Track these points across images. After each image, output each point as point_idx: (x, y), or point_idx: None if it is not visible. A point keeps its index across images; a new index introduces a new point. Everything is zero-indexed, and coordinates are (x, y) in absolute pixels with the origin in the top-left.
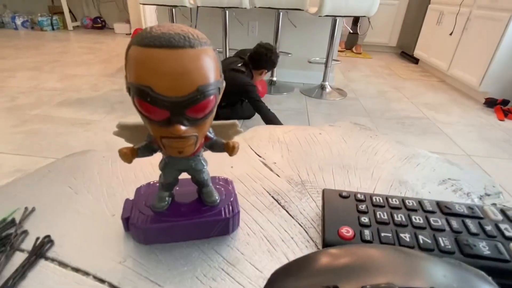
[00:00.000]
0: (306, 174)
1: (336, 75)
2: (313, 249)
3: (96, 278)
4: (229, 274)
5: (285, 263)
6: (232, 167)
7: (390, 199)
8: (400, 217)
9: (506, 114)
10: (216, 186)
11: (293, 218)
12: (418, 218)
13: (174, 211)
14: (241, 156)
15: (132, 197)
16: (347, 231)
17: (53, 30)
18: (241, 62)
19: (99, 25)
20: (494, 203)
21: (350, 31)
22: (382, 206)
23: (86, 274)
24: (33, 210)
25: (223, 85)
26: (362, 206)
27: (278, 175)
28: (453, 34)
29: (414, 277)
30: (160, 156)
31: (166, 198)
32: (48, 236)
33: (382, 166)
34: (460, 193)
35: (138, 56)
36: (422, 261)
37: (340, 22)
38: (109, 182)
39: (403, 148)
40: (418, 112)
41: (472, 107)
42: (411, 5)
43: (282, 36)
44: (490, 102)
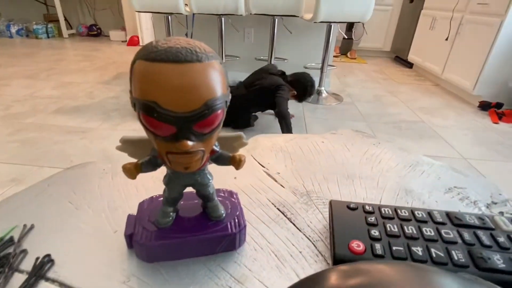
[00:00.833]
0: (311, 184)
1: (332, 80)
2: (322, 264)
3: None
4: None
5: (296, 282)
6: (235, 178)
7: (399, 211)
8: (410, 229)
9: (500, 117)
10: (220, 199)
11: (300, 231)
12: (429, 230)
13: (179, 227)
14: (244, 166)
15: (134, 212)
16: (358, 245)
17: (48, 38)
18: (278, 73)
19: (95, 32)
20: (501, 212)
21: (345, 37)
22: (392, 218)
23: None
24: (32, 227)
25: (229, 98)
26: (372, 219)
27: (282, 186)
28: (447, 38)
29: None
30: (163, 169)
31: (171, 213)
32: (48, 255)
33: (387, 175)
34: (467, 201)
35: (144, 71)
36: (437, 277)
37: (335, 28)
38: (110, 197)
39: (407, 155)
40: (414, 116)
41: (466, 111)
42: (404, 10)
43: (278, 42)
44: (484, 105)
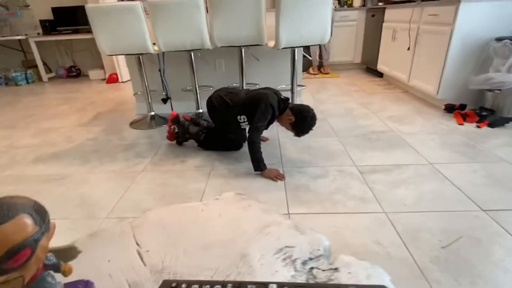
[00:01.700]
0: (170, 259)
1: (305, 98)
2: None
3: None
4: None
5: None
6: (109, 261)
7: (205, 285)
8: None
9: (465, 118)
10: None
11: None
12: None
13: None
14: (122, 246)
15: None
16: None
17: (28, 83)
18: (283, 98)
19: (74, 73)
20: (312, 267)
21: (317, 59)
22: None
23: None
24: None
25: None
26: None
27: (144, 264)
28: (409, 48)
29: None
30: None
31: None
32: None
33: (238, 240)
34: (288, 261)
35: None
36: None
37: (299, 51)
38: None
39: (266, 216)
40: (384, 126)
41: (433, 115)
42: (368, 24)
43: (248, 68)
44: (449, 108)
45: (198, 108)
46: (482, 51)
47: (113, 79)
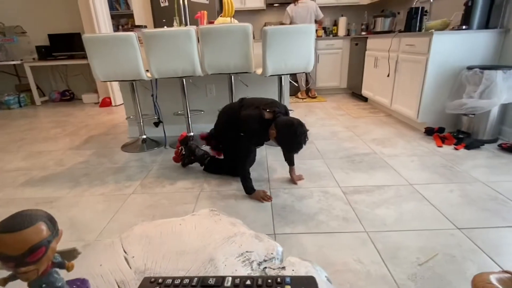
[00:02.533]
0: (151, 263)
1: None
2: None
3: None
4: None
5: None
6: (101, 265)
7: (184, 280)
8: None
9: (443, 140)
10: (75, 286)
11: None
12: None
13: None
14: (114, 252)
15: None
16: None
17: (20, 107)
18: (272, 110)
19: (68, 97)
20: (265, 267)
21: (303, 85)
22: (176, 286)
23: None
24: None
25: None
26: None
27: (130, 267)
28: (388, 75)
29: None
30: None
31: None
32: None
33: (208, 247)
34: (246, 262)
35: None
36: None
37: (285, 78)
38: None
39: (232, 228)
40: (367, 148)
41: (414, 137)
42: (352, 51)
43: (237, 94)
44: (429, 131)
45: (189, 131)
46: (456, 79)
47: (106, 103)
